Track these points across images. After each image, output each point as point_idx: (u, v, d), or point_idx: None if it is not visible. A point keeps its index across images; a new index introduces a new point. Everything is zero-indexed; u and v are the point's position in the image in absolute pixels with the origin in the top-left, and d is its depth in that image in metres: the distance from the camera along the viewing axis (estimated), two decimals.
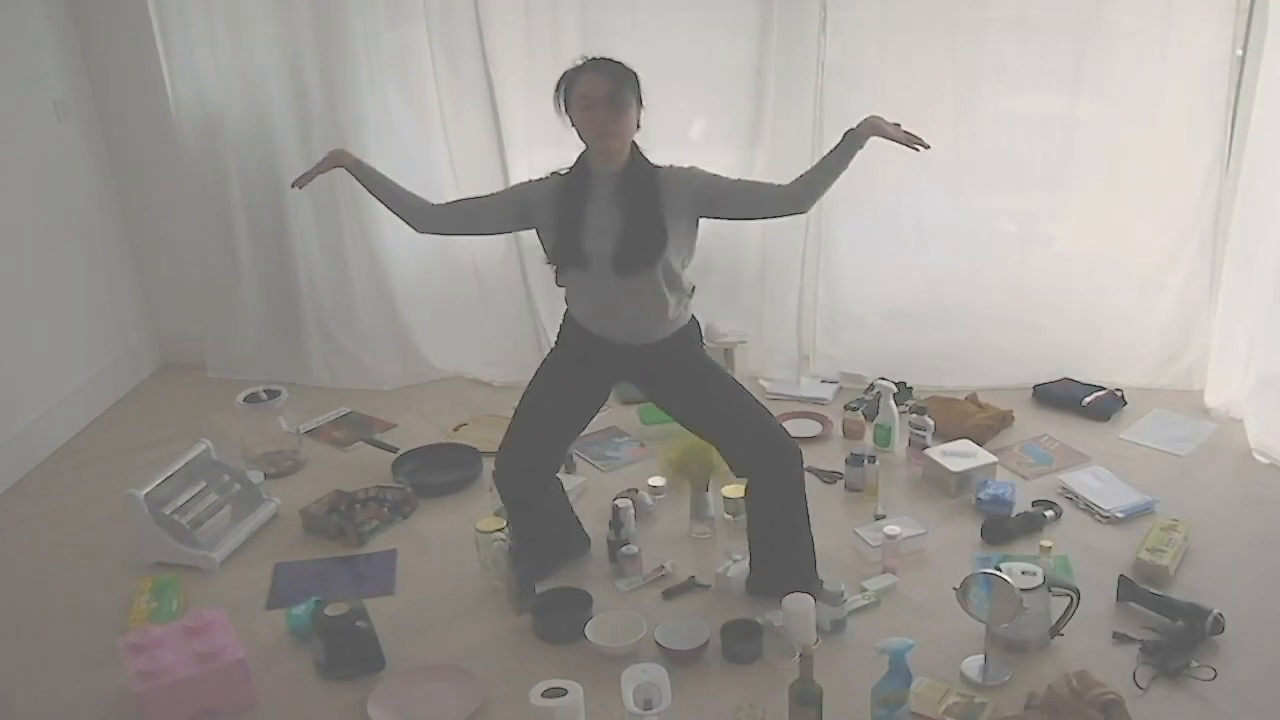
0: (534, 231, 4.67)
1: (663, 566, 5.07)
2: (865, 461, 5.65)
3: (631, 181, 4.47)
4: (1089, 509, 5.43)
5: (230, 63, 6.41)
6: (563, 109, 4.49)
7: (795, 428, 6.17)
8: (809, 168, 4.52)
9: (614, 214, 4.45)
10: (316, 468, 6.07)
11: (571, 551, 5.17)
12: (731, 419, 4.73)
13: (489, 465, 5.50)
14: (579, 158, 4.58)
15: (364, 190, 6.07)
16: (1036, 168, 6.45)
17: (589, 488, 5.72)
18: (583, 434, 5.71)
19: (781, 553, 4.79)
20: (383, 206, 5.36)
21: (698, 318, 6.15)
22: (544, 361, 4.91)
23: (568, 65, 5.93)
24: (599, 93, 4.35)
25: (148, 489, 5.14)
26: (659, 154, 6.18)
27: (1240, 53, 5.97)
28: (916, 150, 4.48)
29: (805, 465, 5.30)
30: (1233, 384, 6.27)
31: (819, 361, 6.90)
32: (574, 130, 4.50)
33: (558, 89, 4.50)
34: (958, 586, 4.34)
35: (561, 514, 5.17)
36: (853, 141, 4.50)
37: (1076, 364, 6.68)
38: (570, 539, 5.18)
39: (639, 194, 4.45)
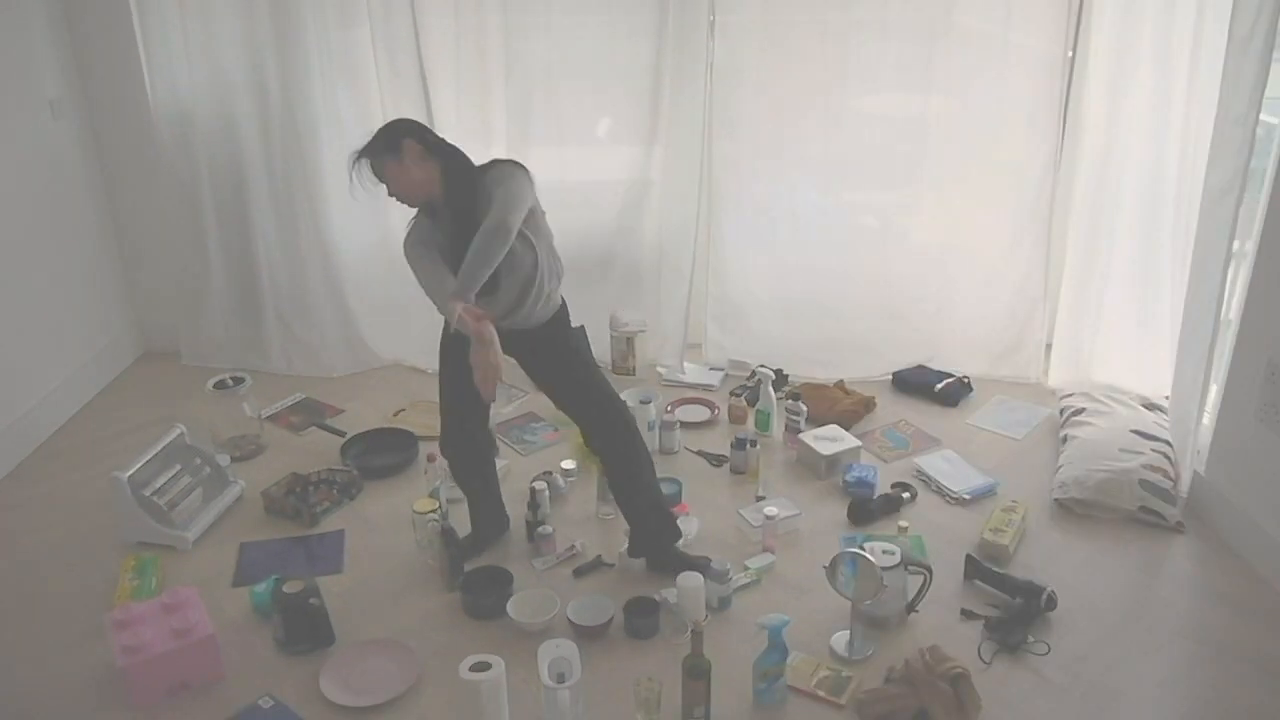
0: None
1: (573, 546, 5.02)
2: (747, 445, 5.61)
3: (452, 208, 4.37)
4: (940, 491, 5.43)
5: (202, 65, 6.26)
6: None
7: (686, 413, 6.18)
8: (473, 255, 4.14)
9: (448, 234, 4.38)
10: (276, 451, 5.96)
11: (497, 531, 5.12)
12: (583, 399, 4.68)
13: (424, 449, 5.48)
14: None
15: (317, 188, 6.19)
16: (894, 164, 6.38)
17: (510, 470, 5.63)
18: (505, 418, 5.71)
19: (642, 514, 4.77)
20: (349, 220, 5.45)
21: (607, 309, 6.20)
22: (440, 344, 4.78)
23: (492, 64, 6.03)
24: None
25: (130, 471, 5.03)
26: (571, 151, 6.11)
27: (1070, 55, 5.94)
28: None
29: (696, 450, 5.35)
30: (1073, 367, 6.37)
31: (711, 350, 6.82)
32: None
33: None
34: (827, 565, 4.30)
35: (495, 495, 5.12)
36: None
37: (932, 353, 6.66)
38: (499, 519, 5.13)
39: (461, 217, 4.32)
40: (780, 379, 6.40)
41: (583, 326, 6.28)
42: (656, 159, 6.34)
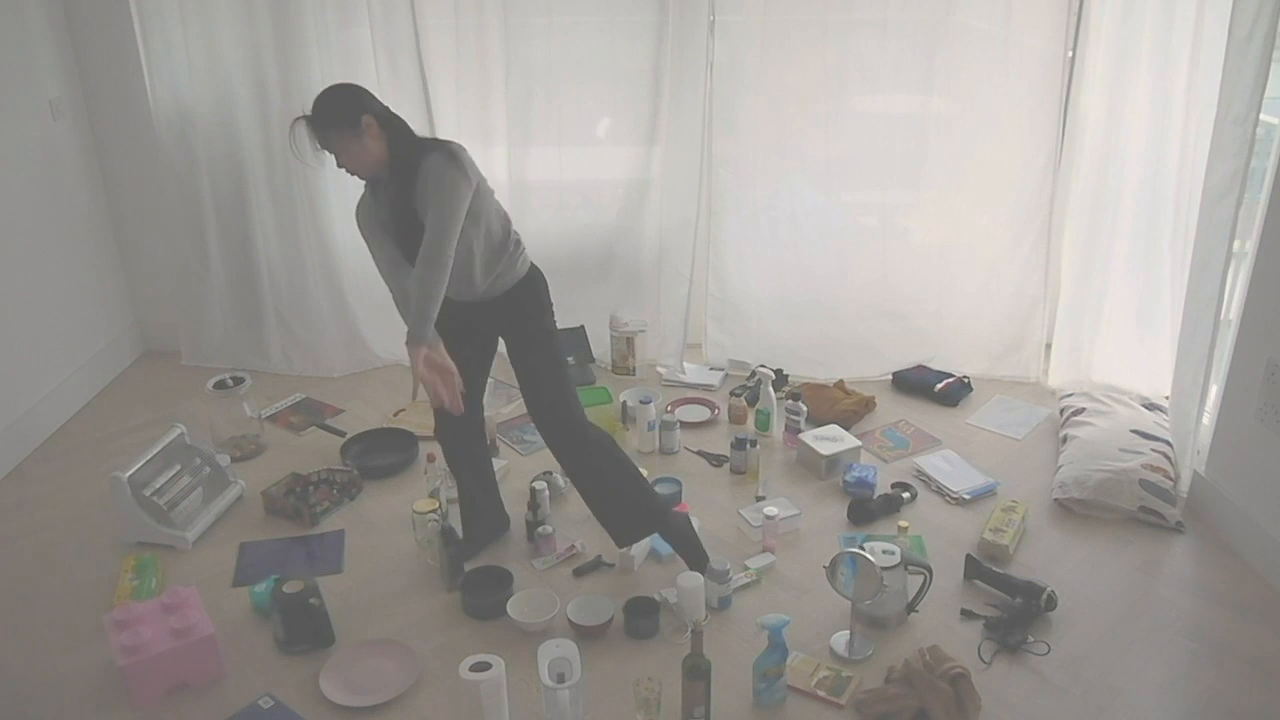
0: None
1: (573, 545, 5.02)
2: (747, 445, 5.59)
3: (395, 183, 4.31)
4: (940, 491, 5.42)
5: (202, 65, 6.24)
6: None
7: (687, 413, 6.18)
8: (417, 290, 4.15)
9: (388, 207, 4.36)
10: (276, 451, 5.95)
11: (497, 531, 5.12)
12: (540, 395, 4.64)
13: (424, 449, 5.49)
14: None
15: (318, 188, 6.23)
16: (895, 164, 6.37)
17: (510, 470, 5.63)
18: (504, 419, 5.70)
19: (607, 506, 4.73)
20: (349, 219, 5.48)
21: (607, 309, 6.16)
22: None
23: (492, 64, 6.03)
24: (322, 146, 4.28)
25: (130, 471, 5.02)
26: (571, 151, 6.08)
27: (1070, 54, 5.94)
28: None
29: (697, 450, 5.36)
30: (1073, 367, 6.37)
31: (711, 350, 6.81)
32: None
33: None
34: (827, 565, 4.29)
35: (491, 490, 5.12)
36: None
37: (932, 353, 6.65)
38: (497, 518, 5.13)
39: (402, 191, 4.28)
40: (780, 379, 6.40)
41: (582, 327, 6.29)
42: (656, 159, 6.33)
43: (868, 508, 5.19)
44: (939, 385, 6.37)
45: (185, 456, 5.39)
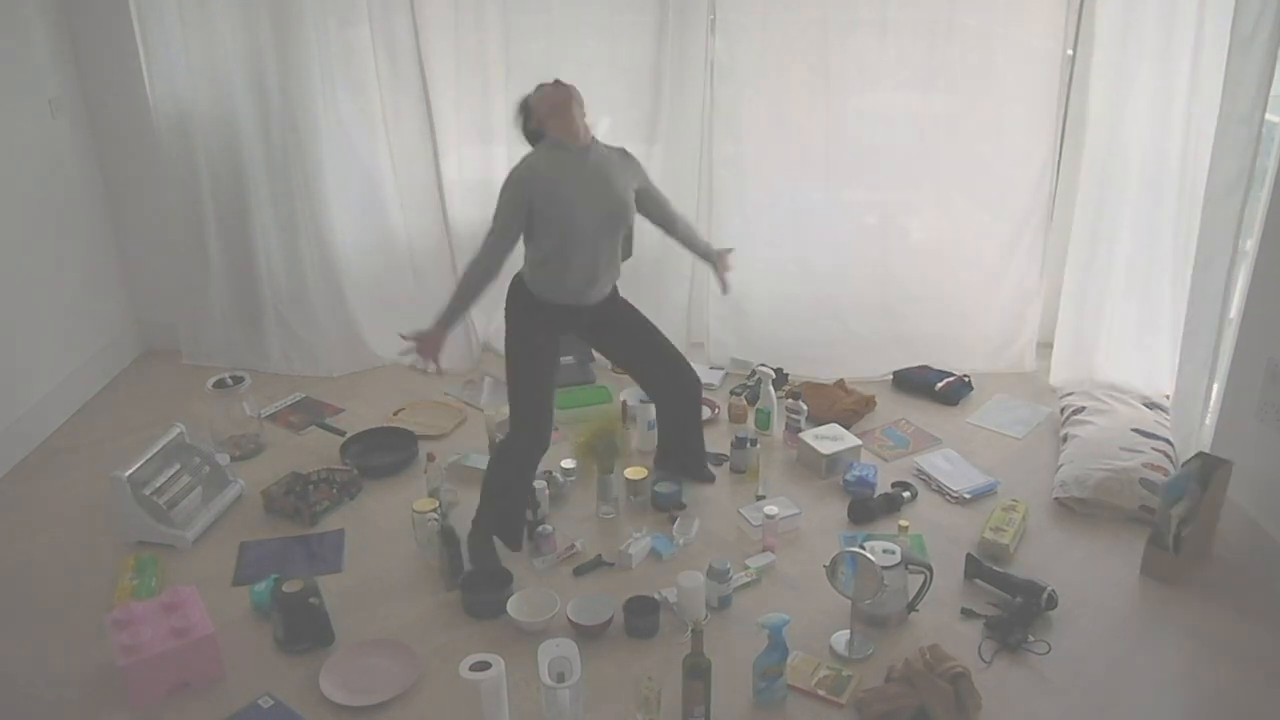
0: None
1: (573, 545, 5.00)
2: (748, 444, 5.59)
3: (600, 153, 4.70)
4: (940, 490, 5.41)
5: (202, 65, 6.22)
6: (524, 120, 4.89)
7: None
8: (695, 231, 5.30)
9: (598, 181, 4.65)
10: (276, 450, 5.94)
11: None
12: (655, 352, 5.24)
13: (424, 448, 5.52)
14: (547, 144, 4.75)
15: (318, 188, 6.21)
16: (895, 163, 6.35)
17: None
18: (505, 417, 5.71)
19: (682, 442, 5.38)
20: (349, 220, 5.58)
21: None
22: (521, 342, 4.90)
23: (491, 65, 6.14)
24: (562, 92, 4.73)
25: (130, 471, 5.00)
26: None
27: (1070, 53, 5.94)
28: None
29: None
30: (1074, 366, 6.35)
31: (712, 349, 6.79)
32: (536, 134, 4.86)
33: (522, 110, 4.87)
34: (827, 564, 4.29)
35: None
36: (710, 257, 5.37)
37: (931, 351, 6.63)
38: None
39: (610, 163, 4.72)
40: (780, 378, 6.39)
41: None
42: (656, 159, 6.31)
43: (868, 507, 5.19)
44: (939, 384, 6.36)
45: (185, 456, 5.38)
